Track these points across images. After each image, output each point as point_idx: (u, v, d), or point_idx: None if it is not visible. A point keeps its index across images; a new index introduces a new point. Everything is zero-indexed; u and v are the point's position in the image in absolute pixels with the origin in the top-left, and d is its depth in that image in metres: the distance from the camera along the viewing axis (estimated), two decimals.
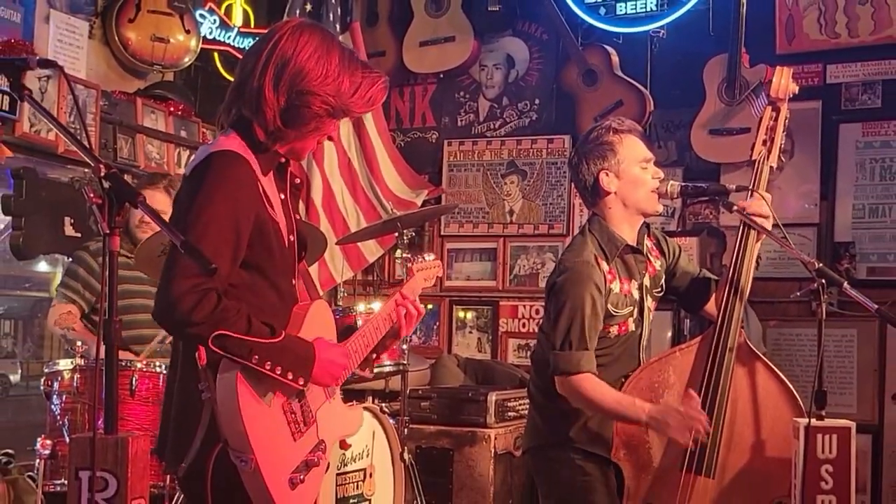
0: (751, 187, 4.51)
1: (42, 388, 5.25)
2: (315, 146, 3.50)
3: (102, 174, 2.87)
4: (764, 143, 4.59)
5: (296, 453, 3.27)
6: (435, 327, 8.64)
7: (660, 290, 4.72)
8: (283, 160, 3.48)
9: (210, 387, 3.12)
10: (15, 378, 12.13)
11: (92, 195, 2.89)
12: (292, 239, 3.49)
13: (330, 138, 3.51)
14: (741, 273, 4.47)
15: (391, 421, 5.65)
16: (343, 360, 3.38)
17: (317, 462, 3.32)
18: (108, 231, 2.86)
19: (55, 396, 5.18)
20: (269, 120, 3.29)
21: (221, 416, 3.11)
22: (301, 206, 7.71)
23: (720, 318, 4.41)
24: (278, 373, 3.13)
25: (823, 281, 4.15)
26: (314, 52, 3.29)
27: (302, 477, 3.24)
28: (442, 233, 8.81)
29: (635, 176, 4.49)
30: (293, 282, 3.51)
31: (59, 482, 5.01)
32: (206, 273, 2.89)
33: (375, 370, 5.51)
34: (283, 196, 3.50)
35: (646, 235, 4.66)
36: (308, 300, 3.59)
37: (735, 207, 4.46)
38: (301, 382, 3.20)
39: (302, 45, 3.29)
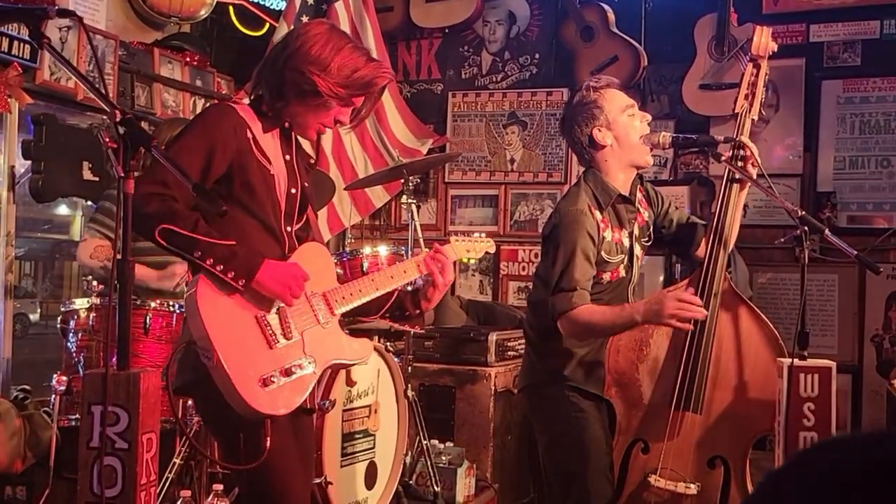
0: (735, 137, 4.53)
1: (59, 325, 5.21)
2: (321, 128, 3.69)
3: (118, 119, 2.86)
4: (746, 97, 4.65)
5: (272, 359, 3.39)
6: None
7: (648, 239, 4.74)
8: (286, 124, 3.67)
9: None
10: (34, 317, 12.09)
11: (108, 140, 2.88)
12: (294, 192, 3.63)
13: (340, 122, 3.69)
14: (724, 222, 4.49)
15: (396, 359, 5.64)
16: (294, 272, 3.45)
17: (300, 369, 3.44)
18: (122, 174, 2.84)
19: (71, 334, 5.14)
20: (272, 93, 3.56)
21: (187, 315, 3.38)
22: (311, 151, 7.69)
23: (705, 265, 4.44)
24: (219, 270, 3.28)
25: (806, 228, 4.18)
26: (314, 38, 3.57)
27: (275, 378, 3.35)
28: (446, 180, 8.84)
29: (624, 123, 4.53)
30: (288, 228, 3.63)
31: (73, 417, 4.98)
32: (191, 190, 3.02)
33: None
34: (287, 157, 3.66)
35: (637, 187, 4.68)
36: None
37: (723, 157, 4.47)
38: (241, 283, 3.32)
39: (302, 34, 3.58)
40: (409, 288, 3.89)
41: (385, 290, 3.75)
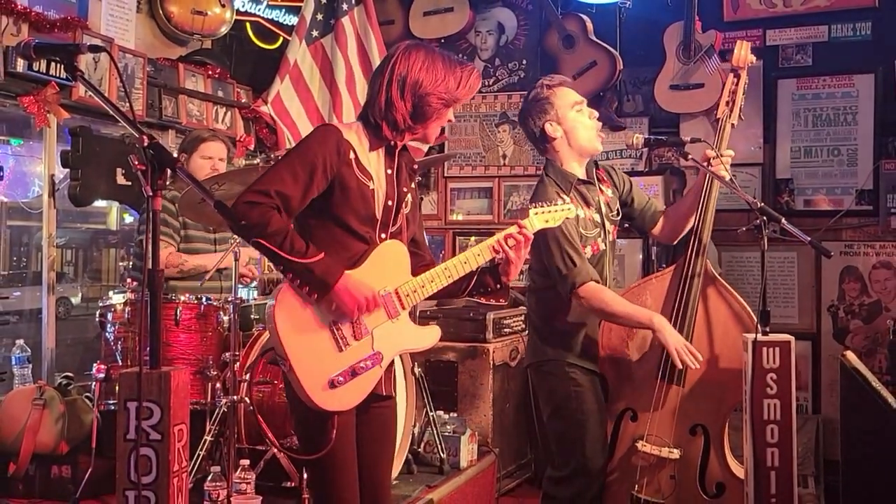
0: (715, 143, 4.62)
1: (97, 318, 5.18)
2: (438, 131, 3.73)
3: (146, 144, 2.84)
4: (727, 104, 4.74)
5: (340, 361, 3.40)
6: (441, 256, 8.60)
7: (616, 213, 4.76)
8: (391, 143, 3.63)
9: None
10: (76, 300, 12.12)
11: (136, 162, 2.85)
12: (390, 204, 3.58)
13: (449, 120, 3.68)
14: (706, 215, 4.59)
15: None
16: (364, 290, 3.41)
17: (365, 368, 3.44)
18: (150, 194, 2.83)
19: (109, 326, 5.11)
20: (399, 121, 3.54)
21: (267, 326, 3.55)
22: None
23: (690, 250, 4.52)
24: (296, 284, 3.34)
25: (765, 218, 4.24)
26: (422, 64, 3.55)
27: (341, 379, 3.37)
28: (445, 174, 8.81)
29: (573, 118, 4.58)
30: (383, 235, 3.58)
31: (112, 402, 5.00)
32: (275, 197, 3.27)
33: None
34: (389, 171, 3.61)
35: (594, 170, 4.73)
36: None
37: (691, 156, 4.61)
38: (315, 297, 3.35)
39: (412, 61, 3.55)
40: (487, 265, 3.77)
41: (458, 276, 3.66)
